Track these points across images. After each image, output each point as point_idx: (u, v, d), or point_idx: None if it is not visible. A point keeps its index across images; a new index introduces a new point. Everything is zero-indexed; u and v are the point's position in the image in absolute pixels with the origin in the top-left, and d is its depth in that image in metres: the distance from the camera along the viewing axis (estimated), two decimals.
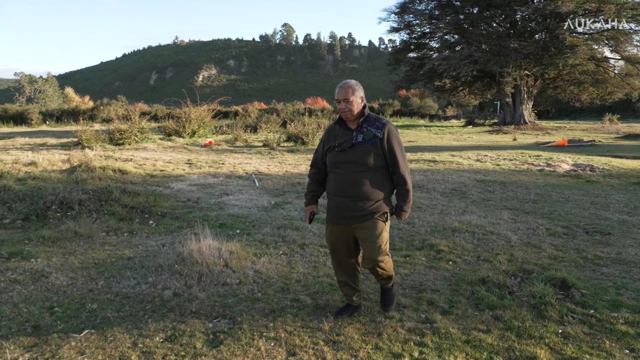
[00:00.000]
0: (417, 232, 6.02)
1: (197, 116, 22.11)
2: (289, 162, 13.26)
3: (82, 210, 6.61)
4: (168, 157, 13.99)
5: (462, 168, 12.11)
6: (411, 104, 54.33)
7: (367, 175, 3.29)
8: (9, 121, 39.62)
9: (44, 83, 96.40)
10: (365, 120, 3.37)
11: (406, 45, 40.79)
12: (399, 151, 3.32)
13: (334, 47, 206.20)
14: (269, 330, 3.43)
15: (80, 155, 12.61)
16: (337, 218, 3.41)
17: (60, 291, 4.16)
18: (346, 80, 3.39)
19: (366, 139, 3.29)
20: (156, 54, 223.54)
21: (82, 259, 5.00)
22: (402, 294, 4.08)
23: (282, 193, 8.55)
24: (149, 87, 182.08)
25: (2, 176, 9.40)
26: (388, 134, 3.30)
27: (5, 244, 5.52)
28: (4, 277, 4.48)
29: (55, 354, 3.12)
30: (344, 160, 3.31)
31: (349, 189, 3.31)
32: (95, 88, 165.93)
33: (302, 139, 18.17)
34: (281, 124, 25.94)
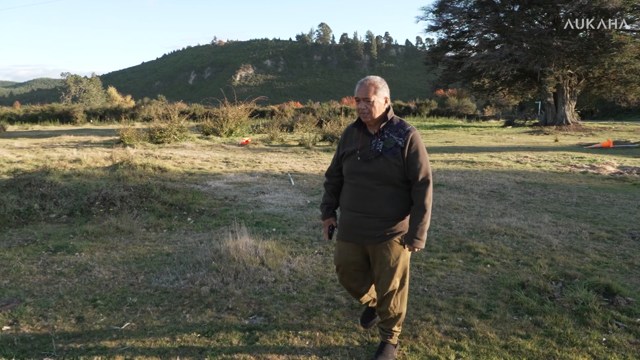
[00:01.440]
0: (454, 234, 5.92)
1: (235, 115, 22.41)
2: (324, 161, 13.28)
3: (123, 206, 6.80)
4: (206, 156, 14.23)
5: (501, 169, 11.86)
6: (448, 103, 53.54)
7: (387, 190, 2.83)
8: (56, 119, 41.12)
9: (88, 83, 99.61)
10: (387, 126, 2.87)
11: (444, 44, 40.19)
12: (422, 163, 2.80)
13: (371, 47, 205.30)
14: (303, 328, 3.44)
15: (122, 153, 12.98)
16: (348, 235, 2.98)
17: (103, 284, 4.29)
18: (369, 76, 2.91)
19: (387, 148, 2.81)
20: (195, 54, 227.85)
21: (123, 254, 5.14)
22: (439, 296, 4.03)
23: (317, 192, 8.58)
24: (188, 86, 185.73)
25: (49, 172, 9.76)
26: (411, 142, 2.80)
27: (51, 237, 5.74)
28: (51, 269, 4.66)
29: (97, 345, 3.22)
30: (363, 170, 2.85)
31: (365, 204, 2.87)
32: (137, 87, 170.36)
33: (338, 139, 18.18)
34: (317, 123, 26.01)
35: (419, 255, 5.09)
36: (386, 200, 2.84)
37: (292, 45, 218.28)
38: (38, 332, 3.39)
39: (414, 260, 4.93)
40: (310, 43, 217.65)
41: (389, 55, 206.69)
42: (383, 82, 2.89)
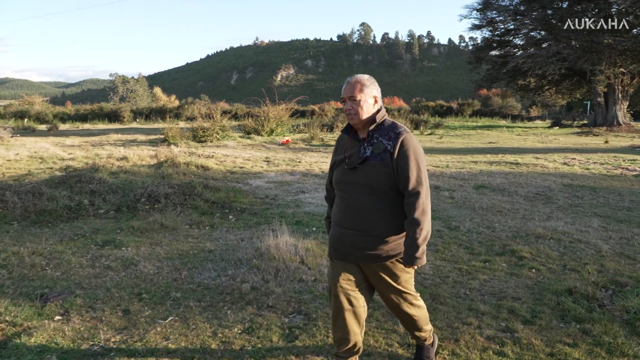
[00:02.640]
0: (498, 237, 5.79)
1: (275, 115, 22.61)
2: None
3: (167, 203, 6.97)
4: (247, 155, 14.43)
5: (547, 171, 11.50)
6: (492, 103, 52.37)
7: (378, 202, 2.49)
8: (104, 118, 42.59)
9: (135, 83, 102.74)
10: (377, 128, 2.56)
11: (488, 43, 39.32)
12: (413, 170, 2.44)
13: (412, 46, 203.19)
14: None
15: (166, 151, 13.32)
16: (337, 253, 2.66)
17: (148, 279, 4.41)
18: (357, 74, 2.65)
19: (375, 154, 2.49)
20: (237, 54, 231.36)
21: (167, 250, 5.28)
22: (481, 300, 3.95)
23: None
24: (230, 86, 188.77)
25: (98, 170, 10.12)
26: (401, 147, 2.45)
27: (100, 232, 5.95)
28: (99, 263, 4.83)
29: (142, 337, 3.31)
30: (350, 180, 2.55)
31: (354, 219, 2.54)
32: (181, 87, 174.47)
33: None
34: None
35: (461, 258, 5.00)
36: (377, 214, 2.50)
37: (333, 45, 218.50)
38: (87, 323, 3.52)
39: (455, 263, 4.85)
40: (351, 43, 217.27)
41: (431, 54, 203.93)
42: (372, 79, 2.62)
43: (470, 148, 17.68)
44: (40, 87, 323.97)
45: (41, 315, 3.61)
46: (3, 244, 5.42)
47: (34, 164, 12.08)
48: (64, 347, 3.15)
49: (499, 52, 39.19)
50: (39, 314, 3.63)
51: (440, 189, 8.77)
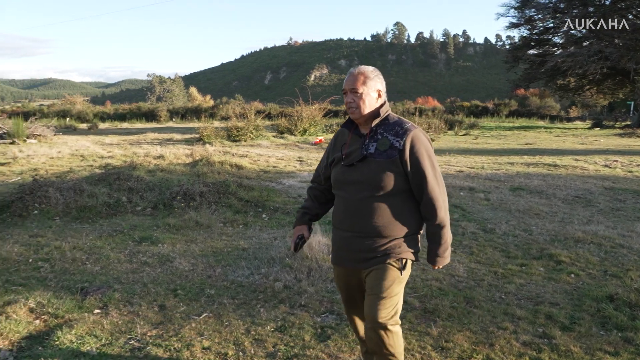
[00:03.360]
0: (535, 240, 5.65)
1: (309, 115, 22.67)
2: None
3: (202, 201, 7.09)
4: (280, 154, 14.52)
5: (587, 174, 11.16)
6: (529, 103, 51.13)
7: (381, 201, 2.31)
8: (142, 118, 43.57)
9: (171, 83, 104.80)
10: (381, 124, 2.38)
11: (526, 42, 38.45)
12: (428, 169, 2.29)
13: (447, 45, 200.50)
14: None
15: (201, 150, 13.53)
16: (340, 259, 2.50)
17: (183, 275, 4.49)
18: (361, 65, 2.48)
19: (380, 151, 2.30)
20: (271, 54, 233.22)
21: (202, 247, 5.36)
22: (517, 304, 3.86)
23: None
24: (264, 86, 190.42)
25: (136, 167, 10.37)
26: (412, 144, 2.28)
27: (137, 228, 6.09)
28: (136, 258, 4.95)
29: (178, 332, 3.38)
30: (351, 179, 2.36)
31: (356, 220, 2.36)
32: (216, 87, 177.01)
33: None
34: None
35: (496, 261, 4.91)
36: (381, 215, 2.32)
37: (366, 45, 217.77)
38: (124, 317, 3.61)
39: (490, 266, 4.76)
40: (384, 42, 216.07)
41: (466, 54, 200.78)
42: (376, 72, 2.44)
43: (507, 149, 17.32)
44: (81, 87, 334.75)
45: (81, 308, 3.72)
46: (46, 239, 5.61)
47: (75, 162, 12.47)
48: (102, 340, 3.24)
49: (537, 51, 38.29)
50: (79, 306, 3.75)
51: (475, 191, 8.62)
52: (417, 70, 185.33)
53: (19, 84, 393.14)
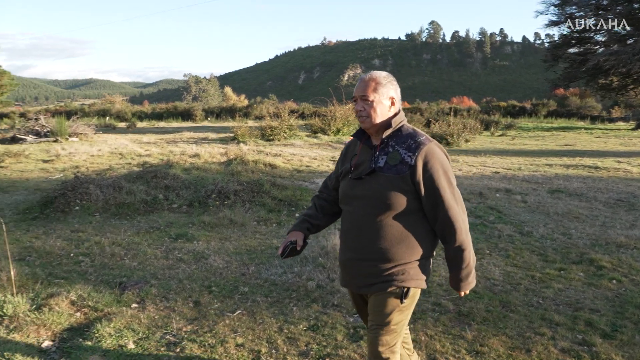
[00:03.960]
0: (574, 245, 5.49)
1: (342, 114, 22.63)
2: None
3: (236, 200, 7.17)
4: (314, 154, 14.56)
5: (631, 176, 10.77)
6: (569, 104, 49.70)
7: (387, 221, 2.10)
8: (178, 117, 44.37)
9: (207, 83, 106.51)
10: (394, 135, 2.17)
11: (566, 40, 37.35)
12: (445, 186, 2.07)
13: (484, 44, 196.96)
14: (409, 331, 3.39)
15: (236, 149, 13.69)
16: (344, 281, 2.34)
17: (217, 272, 4.56)
18: (374, 71, 2.26)
19: (389, 165, 2.10)
20: (305, 54, 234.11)
21: (236, 245, 5.43)
22: (555, 310, 3.76)
23: None
24: (298, 86, 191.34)
25: (172, 166, 10.57)
26: (425, 160, 2.06)
27: (173, 225, 6.22)
28: (172, 255, 5.05)
29: (212, 328, 3.43)
30: (358, 194, 2.16)
31: (359, 240, 2.16)
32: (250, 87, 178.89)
33: (447, 140, 17.64)
34: (425, 123, 25.47)
35: (534, 265, 4.79)
36: (387, 236, 2.11)
37: (400, 45, 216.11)
38: (161, 312, 3.69)
39: (528, 270, 4.65)
40: (419, 42, 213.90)
41: (503, 52, 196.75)
42: (390, 78, 2.23)
43: (545, 150, 16.89)
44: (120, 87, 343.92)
45: (120, 302, 3.82)
46: (86, 234, 5.79)
47: (114, 160, 12.82)
48: (139, 334, 3.32)
49: (578, 49, 37.18)
50: (117, 300, 3.85)
51: (511, 192, 8.44)
52: (452, 69, 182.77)
53: (62, 84, 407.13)
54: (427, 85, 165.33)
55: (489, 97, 62.11)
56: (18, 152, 13.24)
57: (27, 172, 10.84)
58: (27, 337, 3.20)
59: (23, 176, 10.33)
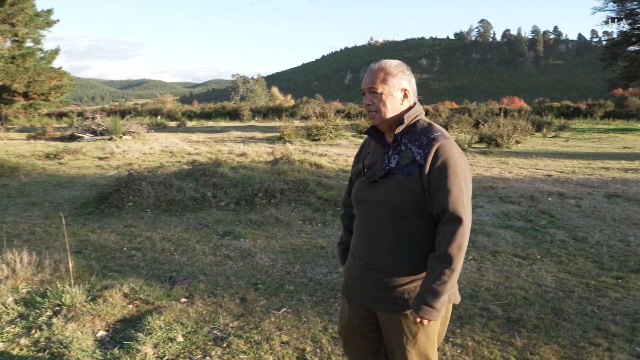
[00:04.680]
0: (633, 252, 5.23)
1: None
2: (480, 164, 12.70)
3: (282, 199, 7.24)
4: None
5: None
6: (628, 104, 47.40)
7: (402, 229, 1.87)
8: (226, 116, 45.30)
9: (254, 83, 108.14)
10: (407, 132, 1.94)
11: (626, 37, 35.67)
12: (452, 186, 1.79)
13: (536, 43, 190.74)
14: (455, 336, 3.33)
15: (282, 148, 13.83)
16: (350, 291, 2.10)
17: (263, 270, 4.62)
18: (384, 59, 2.01)
19: (401, 165, 1.87)
20: (351, 54, 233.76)
21: (281, 244, 5.48)
22: (612, 320, 3.59)
23: (472, 196, 8.18)
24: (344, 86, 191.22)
25: (220, 164, 10.79)
26: (435, 157, 1.82)
27: (221, 223, 6.34)
28: (220, 252, 5.16)
29: (257, 325, 3.47)
30: (370, 198, 1.95)
31: (368, 248, 1.96)
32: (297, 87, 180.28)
33: (496, 141, 17.20)
34: (473, 124, 24.94)
35: (588, 273, 4.60)
36: (397, 245, 1.88)
37: (449, 44, 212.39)
38: (208, 307, 3.77)
39: (582, 277, 4.47)
40: (468, 41, 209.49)
41: (557, 51, 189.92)
42: (402, 67, 1.98)
43: (601, 153, 16.19)
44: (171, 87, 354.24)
45: (169, 296, 3.93)
46: (139, 229, 6.00)
47: (165, 158, 13.22)
48: (188, 328, 3.41)
49: (638, 47, 35.40)
50: (167, 294, 3.97)
51: (565, 196, 8.14)
52: (502, 69, 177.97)
53: (117, 84, 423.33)
54: (476, 85, 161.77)
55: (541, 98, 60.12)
56: (76, 150, 13.86)
57: (84, 169, 11.34)
58: (83, 326, 3.34)
59: (80, 172, 10.81)
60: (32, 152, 14.05)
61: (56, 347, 3.06)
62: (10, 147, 16.00)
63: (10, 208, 7.21)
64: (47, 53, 22.16)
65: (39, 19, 21.74)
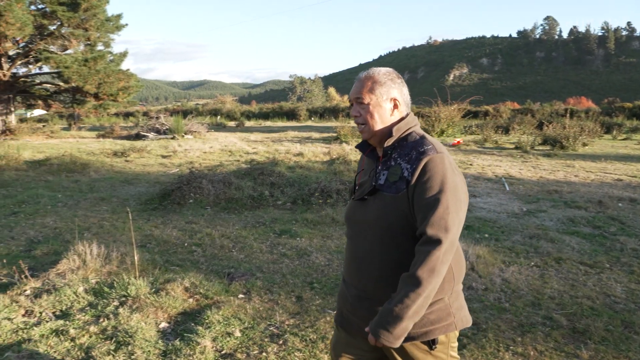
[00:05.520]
0: None
1: (447, 115, 22.02)
2: (544, 166, 12.20)
3: (339, 199, 7.26)
4: None
5: None
6: None
7: (394, 253, 1.69)
8: (283, 117, 45.90)
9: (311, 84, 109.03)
10: (398, 146, 1.76)
11: None
12: (438, 204, 1.59)
13: (607, 40, 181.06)
14: (516, 344, 3.22)
15: (338, 149, 13.86)
16: (343, 320, 1.88)
17: (319, 269, 4.64)
18: (373, 67, 1.85)
19: (389, 182, 1.70)
20: (409, 54, 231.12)
21: (337, 243, 5.49)
22: None
23: (535, 200, 7.91)
24: None
25: (277, 164, 10.96)
26: (423, 172, 1.63)
27: (278, 222, 6.43)
28: (276, 250, 5.23)
29: (313, 324, 3.49)
30: (359, 217, 1.79)
31: (360, 274, 1.78)
32: None
33: (561, 143, 16.45)
34: (536, 125, 24.01)
35: None
36: (388, 270, 1.69)
37: (511, 42, 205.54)
38: (265, 304, 3.84)
39: None
40: (532, 39, 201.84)
41: (630, 48, 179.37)
42: (391, 75, 1.81)
43: None
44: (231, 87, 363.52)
45: (228, 292, 4.03)
46: (199, 226, 6.18)
47: (224, 156, 13.57)
48: (245, 323, 3.48)
49: None
50: (226, 290, 4.06)
51: (637, 202, 7.67)
52: (568, 68, 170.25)
53: (179, 85, 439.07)
54: (539, 84, 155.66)
55: (611, 98, 56.97)
56: (141, 148, 14.49)
57: (149, 166, 11.83)
58: (147, 317, 3.48)
59: (145, 170, 11.29)
60: (101, 149, 14.82)
61: (122, 336, 3.21)
62: (82, 145, 16.95)
63: (81, 202, 7.63)
64: (116, 56, 23.26)
65: (109, 23, 22.86)
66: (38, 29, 20.98)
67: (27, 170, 10.61)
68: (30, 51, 21.58)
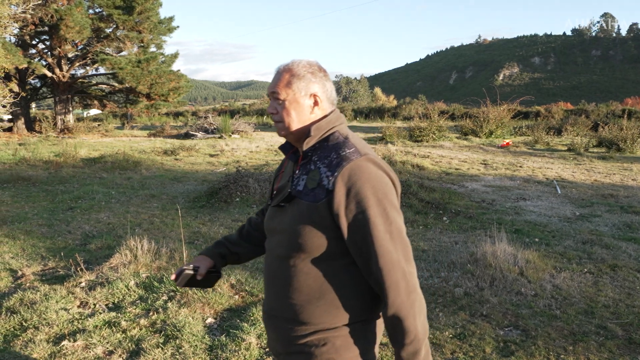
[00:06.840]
0: None
1: (496, 116, 21.51)
2: (598, 169, 11.71)
3: None
4: (463, 156, 14.04)
5: None
6: None
7: (302, 267, 1.46)
8: None
9: (357, 84, 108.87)
10: (319, 147, 1.52)
11: None
12: (377, 224, 1.37)
13: None
14: (567, 353, 3.10)
15: (383, 149, 13.77)
16: (269, 345, 1.66)
17: None
18: (294, 59, 1.60)
19: (308, 189, 1.45)
20: (457, 54, 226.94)
21: None
22: None
23: (589, 204, 7.61)
24: (448, 86, 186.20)
25: None
26: (348, 183, 1.38)
27: None
28: None
29: None
30: (273, 227, 1.56)
31: (271, 290, 1.58)
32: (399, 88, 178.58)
33: (618, 145, 15.74)
34: (591, 126, 23.08)
35: None
36: (300, 289, 1.47)
37: (565, 40, 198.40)
38: None
39: None
40: (588, 37, 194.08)
41: None
42: (313, 67, 1.56)
43: None
44: None
45: None
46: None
47: (270, 156, 13.74)
48: None
49: None
50: None
51: None
52: (627, 66, 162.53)
53: (227, 86, 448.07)
54: (595, 84, 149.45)
55: None
56: (190, 147, 14.87)
57: (197, 165, 12.13)
58: (194, 312, 3.57)
59: (193, 168, 11.58)
60: (152, 148, 15.31)
61: (170, 329, 3.30)
62: (134, 143, 17.58)
63: (133, 199, 7.91)
64: (167, 57, 24.00)
65: (162, 25, 23.61)
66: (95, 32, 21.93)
67: (83, 168, 11.10)
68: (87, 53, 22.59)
